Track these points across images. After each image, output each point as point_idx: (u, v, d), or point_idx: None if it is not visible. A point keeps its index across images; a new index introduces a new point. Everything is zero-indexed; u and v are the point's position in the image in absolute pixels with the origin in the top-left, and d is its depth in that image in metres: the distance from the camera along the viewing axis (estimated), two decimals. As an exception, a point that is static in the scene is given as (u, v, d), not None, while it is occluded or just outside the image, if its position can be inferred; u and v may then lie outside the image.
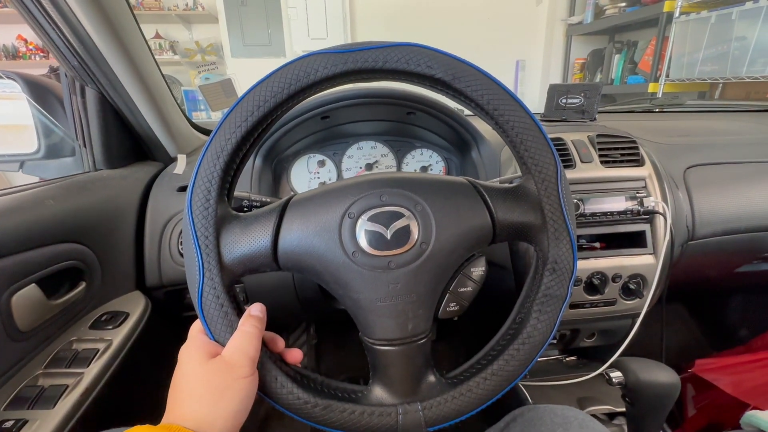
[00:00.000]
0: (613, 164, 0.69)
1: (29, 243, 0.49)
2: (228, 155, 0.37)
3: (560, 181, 0.40)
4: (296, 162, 0.78)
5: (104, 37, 0.59)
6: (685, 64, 2.32)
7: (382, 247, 0.38)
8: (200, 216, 0.37)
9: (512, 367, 0.40)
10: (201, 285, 0.36)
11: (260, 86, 0.37)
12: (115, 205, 0.65)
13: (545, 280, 0.41)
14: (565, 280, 0.40)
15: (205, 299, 0.36)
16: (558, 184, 0.40)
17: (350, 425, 0.38)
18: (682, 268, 0.77)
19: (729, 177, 0.78)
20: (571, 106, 0.84)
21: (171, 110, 0.76)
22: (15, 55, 3.19)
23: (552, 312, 0.40)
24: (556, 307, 0.41)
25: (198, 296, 0.36)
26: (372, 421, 0.38)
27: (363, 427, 0.38)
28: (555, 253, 0.40)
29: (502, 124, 0.39)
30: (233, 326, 0.36)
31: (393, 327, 0.38)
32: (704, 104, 1.59)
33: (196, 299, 0.36)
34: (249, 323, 0.36)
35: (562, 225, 0.40)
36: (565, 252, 0.40)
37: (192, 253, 0.37)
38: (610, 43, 3.10)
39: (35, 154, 0.70)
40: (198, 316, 0.37)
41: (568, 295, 0.41)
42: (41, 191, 0.56)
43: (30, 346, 0.50)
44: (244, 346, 0.35)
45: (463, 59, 0.39)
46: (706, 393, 0.89)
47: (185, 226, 0.37)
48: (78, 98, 0.66)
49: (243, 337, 0.35)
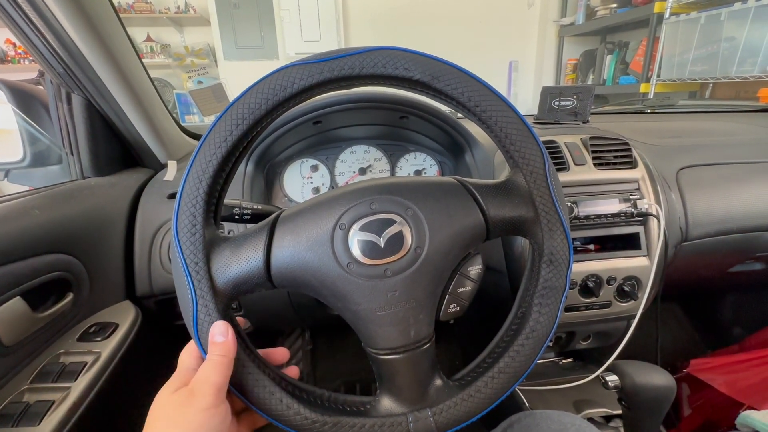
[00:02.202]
0: (607, 167, 0.69)
1: (14, 255, 0.48)
2: (210, 177, 0.36)
3: (548, 172, 0.40)
4: (289, 167, 0.78)
5: (89, 42, 0.58)
6: (676, 65, 2.34)
7: (376, 255, 0.37)
8: (188, 242, 0.36)
9: (519, 363, 0.40)
10: (195, 313, 0.35)
11: (237, 104, 0.36)
12: (103, 214, 0.64)
13: (543, 273, 0.40)
14: (563, 271, 0.40)
15: (200, 326, 0.35)
16: (546, 176, 0.40)
17: None
18: (676, 268, 0.77)
19: (721, 178, 0.78)
20: (564, 108, 0.84)
21: (160, 115, 0.75)
22: (3, 59, 3.15)
23: (552, 304, 0.40)
24: (557, 299, 0.40)
25: (193, 324, 0.36)
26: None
27: None
28: (550, 245, 0.40)
29: (485, 120, 0.39)
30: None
31: (395, 335, 0.38)
32: (695, 105, 1.61)
33: (192, 327, 0.36)
34: (211, 350, 0.34)
35: (555, 216, 0.40)
36: (560, 243, 0.40)
37: (183, 280, 0.36)
38: (601, 44, 3.12)
39: (20, 163, 0.69)
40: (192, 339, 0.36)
41: (566, 286, 0.41)
42: (26, 201, 0.55)
43: (15, 360, 0.48)
44: (209, 375, 0.33)
45: (442, 59, 0.38)
46: (701, 392, 0.89)
47: (174, 253, 0.37)
48: (64, 105, 0.64)
49: (208, 366, 0.34)
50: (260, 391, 0.36)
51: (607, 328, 0.75)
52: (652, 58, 2.51)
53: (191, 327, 0.36)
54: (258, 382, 0.36)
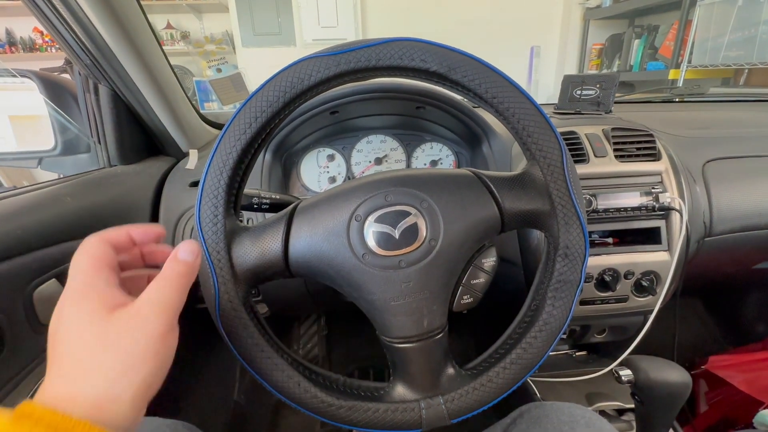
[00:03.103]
0: (629, 158, 0.67)
1: (50, 239, 0.51)
2: (230, 169, 0.37)
3: (566, 164, 0.40)
4: (306, 156, 0.79)
5: (115, 35, 0.60)
6: (709, 49, 2.22)
7: (391, 247, 0.38)
8: (210, 232, 0.38)
9: (531, 355, 0.40)
10: (218, 299, 0.37)
11: (256, 96, 0.37)
12: (129, 201, 0.67)
13: (558, 266, 0.40)
14: (578, 265, 0.40)
15: (223, 312, 0.37)
16: (564, 168, 0.40)
17: (375, 423, 0.39)
18: (698, 264, 0.75)
19: (750, 171, 0.75)
20: (586, 97, 0.82)
21: (182, 105, 0.76)
22: (32, 47, 3.25)
23: (566, 298, 0.40)
24: (571, 293, 0.40)
25: (216, 310, 0.37)
26: (396, 418, 0.39)
27: (388, 424, 0.39)
28: (566, 239, 0.40)
29: (502, 111, 0.39)
30: (254, 337, 0.37)
31: (409, 325, 0.39)
32: (727, 93, 1.53)
33: (215, 313, 0.37)
34: (170, 267, 0.28)
35: (572, 210, 0.40)
36: (576, 237, 0.40)
37: (206, 268, 0.37)
38: (629, 28, 2.98)
39: (52, 151, 0.72)
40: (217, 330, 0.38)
41: (581, 280, 0.40)
42: (59, 188, 0.58)
43: (52, 338, 0.52)
44: (160, 295, 0.27)
45: (459, 49, 0.38)
46: (719, 389, 0.88)
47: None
48: (92, 96, 0.67)
49: (160, 284, 0.27)
50: (279, 375, 0.38)
51: (623, 323, 0.74)
52: (683, 43, 2.39)
53: (214, 314, 0.37)
54: (277, 366, 0.38)
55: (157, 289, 0.27)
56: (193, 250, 0.30)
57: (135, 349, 0.24)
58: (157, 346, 0.25)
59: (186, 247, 0.29)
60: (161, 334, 0.26)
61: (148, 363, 0.25)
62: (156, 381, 0.26)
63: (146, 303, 0.26)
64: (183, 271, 0.29)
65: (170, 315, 0.27)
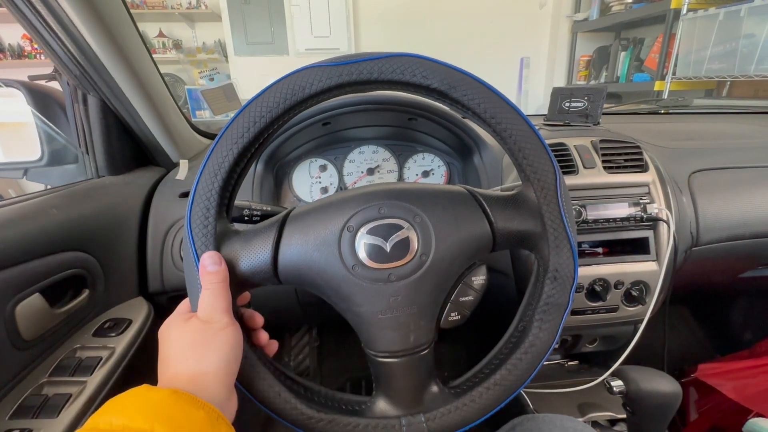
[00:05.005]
0: (617, 170, 0.69)
1: (33, 253, 0.50)
2: (225, 172, 0.37)
3: (559, 188, 0.40)
4: (298, 167, 0.79)
5: (104, 46, 0.59)
6: (692, 62, 2.29)
7: (381, 259, 0.38)
8: (200, 234, 0.37)
9: (515, 377, 0.40)
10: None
11: (255, 102, 0.37)
12: (117, 212, 0.66)
13: (546, 289, 0.40)
14: (567, 289, 0.40)
15: None
16: (557, 192, 0.40)
17: None
18: (686, 273, 0.76)
19: (735, 182, 0.77)
20: (575, 109, 0.83)
21: (172, 115, 0.76)
22: (20, 54, 3.21)
23: (554, 321, 0.40)
24: (558, 316, 0.40)
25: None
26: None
27: None
28: (556, 261, 0.40)
29: (499, 132, 0.39)
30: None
31: (395, 339, 0.39)
32: (711, 105, 1.57)
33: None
34: (206, 279, 0.36)
35: (563, 233, 0.40)
36: (566, 260, 0.40)
37: (193, 269, 0.37)
38: (616, 40, 3.06)
39: (39, 162, 0.71)
40: None
41: (569, 303, 0.41)
42: (45, 200, 0.56)
43: (34, 354, 0.50)
44: (212, 303, 0.35)
45: (459, 68, 0.38)
46: (708, 397, 0.88)
47: (185, 244, 0.38)
48: (80, 106, 0.66)
49: (209, 295, 0.36)
50: (260, 384, 0.37)
51: (614, 332, 0.75)
52: (667, 55, 2.46)
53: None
54: (259, 375, 0.38)
55: (206, 298, 0.36)
56: (215, 260, 0.37)
57: (206, 341, 0.34)
58: (223, 337, 0.34)
59: (208, 260, 0.36)
60: (221, 328, 0.34)
61: (220, 349, 0.34)
62: (232, 360, 0.35)
63: (204, 310, 0.35)
64: (216, 279, 0.36)
65: (224, 313, 0.35)
